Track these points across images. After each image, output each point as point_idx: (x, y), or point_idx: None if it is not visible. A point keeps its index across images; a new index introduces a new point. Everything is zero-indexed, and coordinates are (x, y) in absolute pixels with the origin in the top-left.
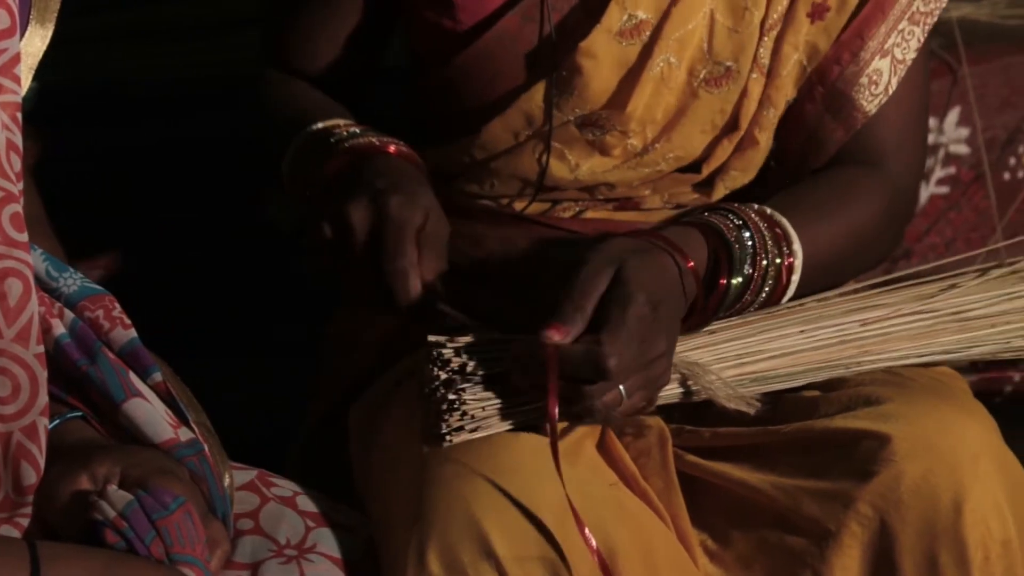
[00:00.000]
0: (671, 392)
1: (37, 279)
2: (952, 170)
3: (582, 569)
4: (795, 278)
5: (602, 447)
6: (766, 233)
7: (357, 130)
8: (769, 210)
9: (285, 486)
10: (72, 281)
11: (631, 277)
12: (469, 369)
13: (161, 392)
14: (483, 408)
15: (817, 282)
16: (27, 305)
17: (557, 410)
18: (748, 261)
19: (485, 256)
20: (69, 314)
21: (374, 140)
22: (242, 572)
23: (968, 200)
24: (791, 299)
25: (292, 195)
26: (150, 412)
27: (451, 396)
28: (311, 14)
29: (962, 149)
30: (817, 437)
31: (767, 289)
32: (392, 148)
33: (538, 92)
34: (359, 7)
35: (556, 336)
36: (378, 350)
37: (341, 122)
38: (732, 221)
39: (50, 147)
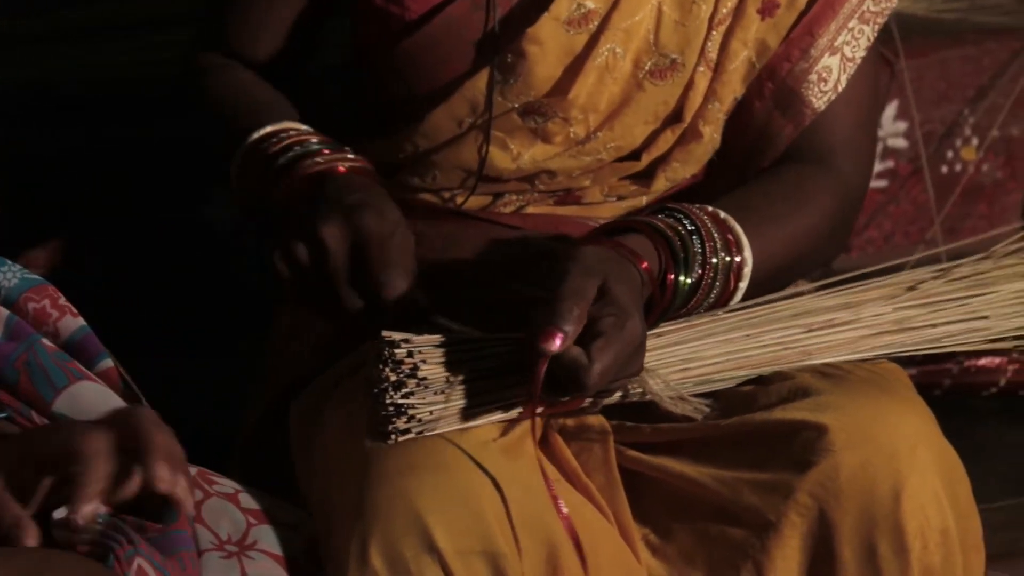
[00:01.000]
0: (615, 397)
1: None
2: (890, 164)
3: (524, 564)
4: (743, 284)
5: (544, 444)
6: (716, 237)
7: (312, 140)
8: (723, 214)
9: (226, 484)
10: (12, 275)
11: (621, 295)
12: (420, 372)
13: (112, 379)
14: (431, 412)
15: (766, 284)
16: None
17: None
18: (697, 264)
19: (427, 254)
20: (3, 312)
21: (332, 160)
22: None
23: (906, 193)
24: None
25: (239, 197)
26: (99, 392)
27: (399, 399)
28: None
29: (900, 143)
30: (756, 429)
31: (715, 291)
32: (345, 167)
33: (482, 78)
34: None
35: (556, 343)
36: (318, 348)
37: (290, 126)
38: (684, 225)
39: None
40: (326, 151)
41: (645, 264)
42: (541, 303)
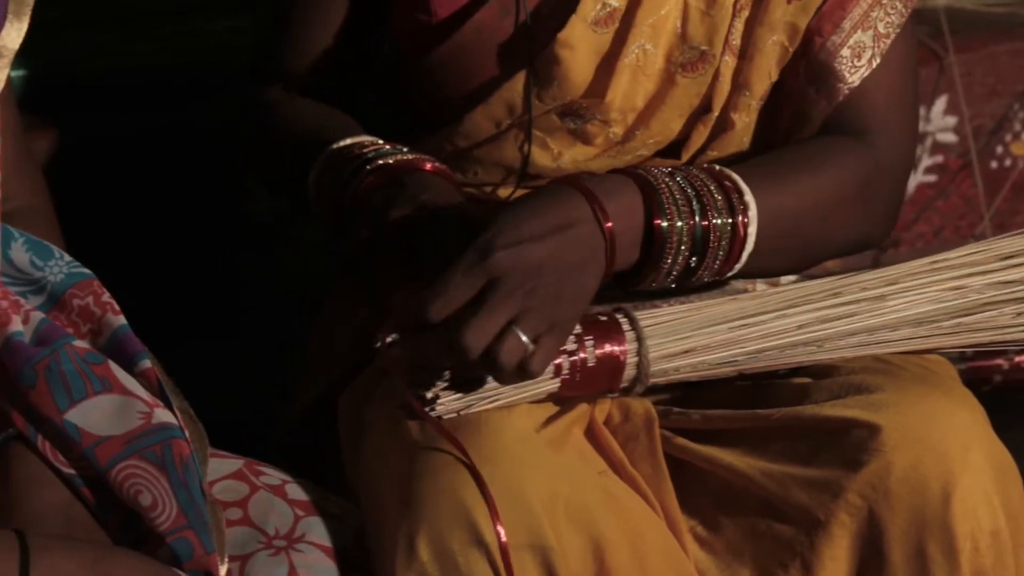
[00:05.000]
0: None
1: (18, 271)
2: (940, 159)
3: (570, 557)
4: (752, 230)
5: (590, 434)
6: (711, 186)
7: (387, 147)
8: (718, 167)
9: (273, 475)
10: (59, 268)
11: (481, 234)
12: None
13: (150, 379)
14: (465, 390)
15: (779, 245)
16: None
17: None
18: (693, 208)
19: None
20: (37, 315)
21: (411, 156)
22: (232, 564)
23: (956, 188)
24: (753, 265)
25: (317, 213)
26: (105, 411)
27: (430, 395)
28: (300, 16)
29: (949, 137)
30: (807, 424)
31: (723, 246)
32: (428, 165)
33: (518, 82)
34: (345, 4)
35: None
36: (367, 337)
37: (366, 139)
38: (664, 170)
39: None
40: (407, 152)
41: (598, 201)
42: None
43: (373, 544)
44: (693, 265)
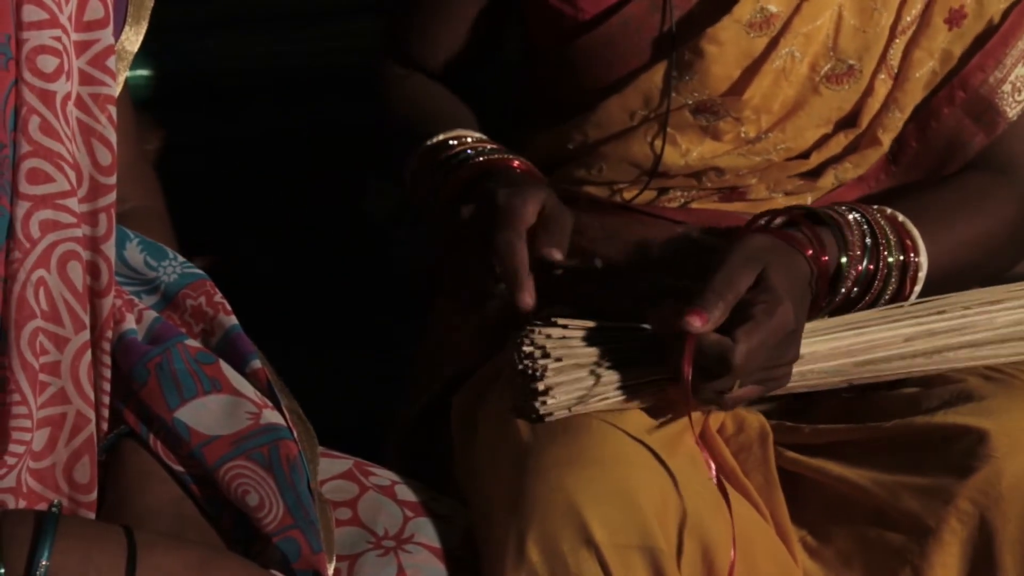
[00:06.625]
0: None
1: (133, 271)
2: None
3: (680, 560)
4: (918, 288)
5: (703, 440)
6: (891, 235)
7: (485, 147)
8: (900, 216)
9: (383, 475)
10: (172, 269)
11: (778, 283)
12: (562, 350)
13: (260, 379)
14: (572, 391)
15: (942, 279)
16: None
17: (686, 392)
18: (866, 256)
19: (587, 245)
20: (151, 314)
21: (497, 155)
22: (340, 564)
23: None
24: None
25: (415, 203)
26: (214, 410)
27: (540, 379)
28: (433, 5)
29: None
30: (917, 433)
31: (889, 290)
32: (516, 163)
33: (658, 73)
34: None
35: (697, 322)
36: (479, 339)
37: (466, 134)
38: (855, 217)
39: (153, 137)
40: (496, 151)
41: (810, 251)
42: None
43: (482, 545)
44: (854, 306)
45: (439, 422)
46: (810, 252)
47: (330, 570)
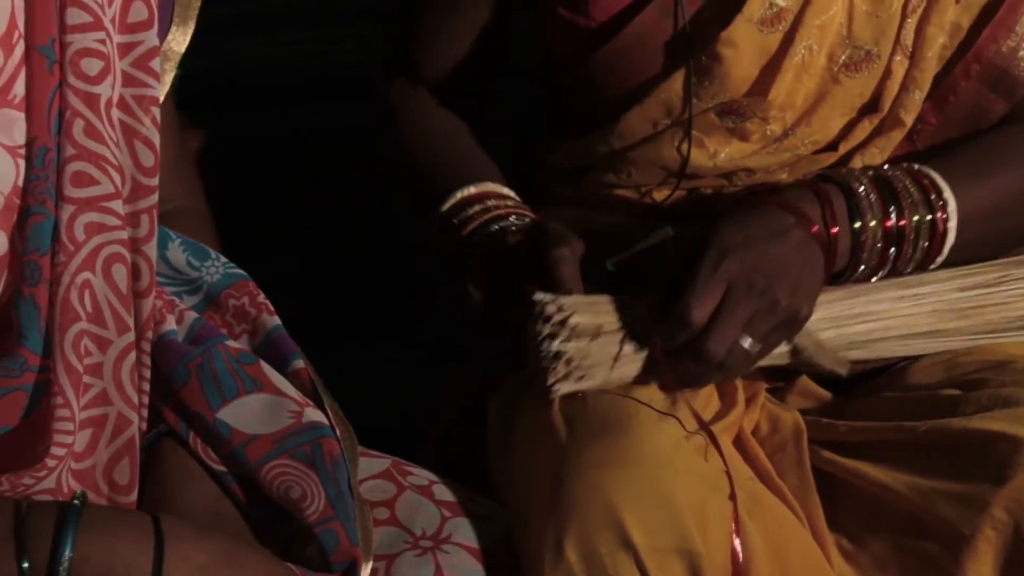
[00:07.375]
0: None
1: (175, 271)
2: None
3: (717, 564)
4: (949, 239)
5: (737, 443)
6: (911, 187)
7: (503, 207)
8: (916, 165)
9: (420, 475)
10: (215, 269)
11: (711, 239)
12: (572, 322)
13: (302, 379)
14: (587, 358)
15: (976, 237)
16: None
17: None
18: (877, 209)
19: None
20: (191, 315)
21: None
22: (378, 564)
23: None
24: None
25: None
26: (256, 410)
27: (555, 347)
28: (436, 13)
29: None
30: (953, 437)
31: (920, 248)
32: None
33: (677, 81)
34: (483, 3)
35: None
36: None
37: (478, 192)
38: (861, 171)
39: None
40: (514, 227)
41: (801, 210)
42: (668, 303)
43: (520, 545)
44: (892, 260)
45: (476, 422)
46: (800, 210)
47: (367, 570)
